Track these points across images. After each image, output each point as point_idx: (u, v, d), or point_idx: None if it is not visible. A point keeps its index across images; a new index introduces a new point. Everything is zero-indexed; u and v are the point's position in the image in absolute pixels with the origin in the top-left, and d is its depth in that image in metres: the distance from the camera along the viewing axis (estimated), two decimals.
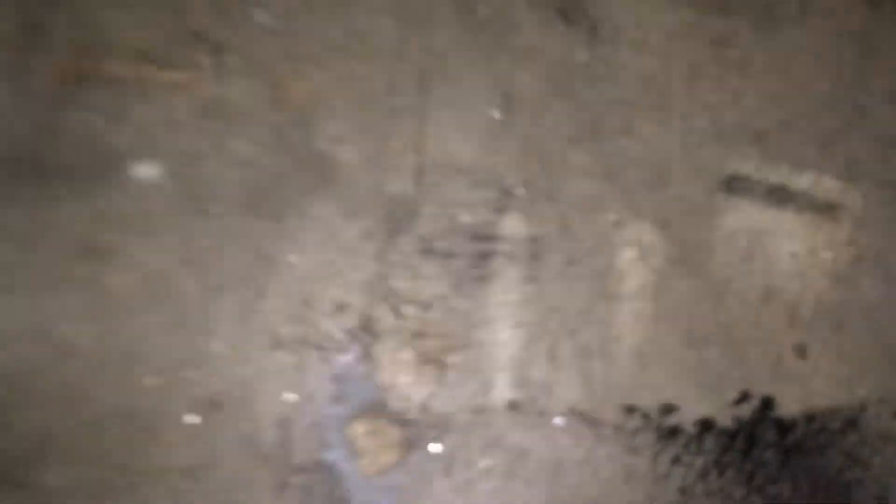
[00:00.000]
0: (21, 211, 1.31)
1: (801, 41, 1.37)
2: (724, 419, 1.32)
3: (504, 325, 1.33)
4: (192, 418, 1.30)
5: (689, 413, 1.31)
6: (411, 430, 1.31)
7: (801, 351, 1.31)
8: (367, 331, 1.32)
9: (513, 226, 1.33)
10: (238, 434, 1.31)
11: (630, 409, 1.32)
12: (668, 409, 1.32)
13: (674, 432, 1.32)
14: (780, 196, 1.33)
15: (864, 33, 1.35)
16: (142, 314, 1.32)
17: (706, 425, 1.32)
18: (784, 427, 1.33)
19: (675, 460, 1.31)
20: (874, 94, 1.33)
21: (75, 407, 1.30)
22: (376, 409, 1.32)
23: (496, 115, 1.33)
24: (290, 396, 1.31)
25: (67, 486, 1.27)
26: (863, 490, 1.31)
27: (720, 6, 1.36)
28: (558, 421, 1.30)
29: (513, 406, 1.31)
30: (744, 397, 1.32)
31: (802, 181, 1.32)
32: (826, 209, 1.32)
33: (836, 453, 1.33)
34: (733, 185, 1.34)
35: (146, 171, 1.31)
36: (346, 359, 1.32)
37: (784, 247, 1.34)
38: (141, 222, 1.33)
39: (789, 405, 1.34)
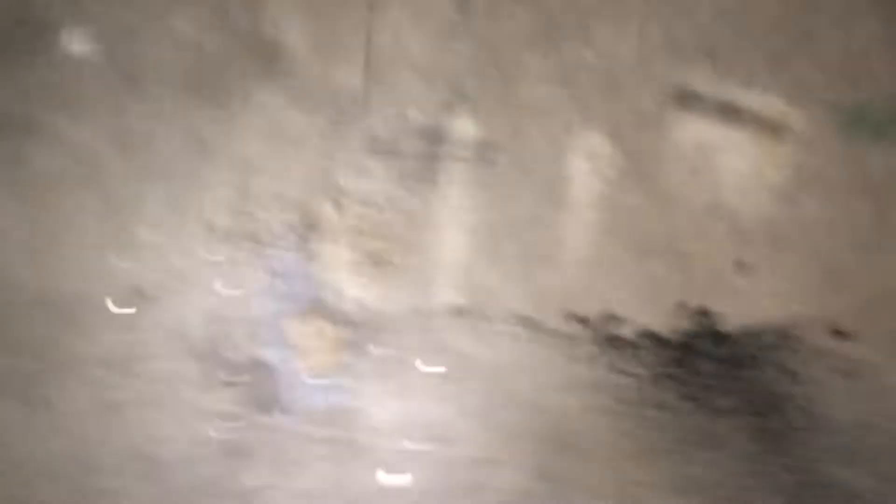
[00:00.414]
0: None
1: None
2: (664, 330, 1.33)
3: (450, 229, 1.30)
4: (118, 308, 1.23)
5: (630, 323, 1.32)
6: (351, 330, 1.27)
7: (742, 266, 1.33)
8: (308, 226, 1.27)
9: (464, 128, 1.30)
10: (167, 327, 1.25)
11: (572, 317, 1.31)
12: (609, 318, 1.32)
13: (614, 341, 1.32)
14: (728, 113, 1.33)
15: None
16: (68, 195, 1.24)
17: (646, 335, 1.32)
18: (722, 339, 1.34)
19: (614, 368, 1.31)
20: (823, 17, 1.34)
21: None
22: (315, 307, 1.27)
23: (451, 12, 1.29)
24: (224, 290, 1.25)
25: None
26: (793, 402, 1.34)
27: None
28: (500, 326, 1.28)
29: (455, 310, 1.29)
30: (684, 309, 1.33)
31: (750, 99, 1.33)
32: (771, 128, 1.33)
33: (771, 367, 1.35)
34: (684, 100, 1.34)
35: (78, 44, 1.23)
36: (284, 254, 1.27)
37: (731, 163, 1.35)
38: (71, 98, 1.25)
39: (728, 318, 1.35)
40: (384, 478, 1.26)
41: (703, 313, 1.34)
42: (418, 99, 1.31)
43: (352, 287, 1.28)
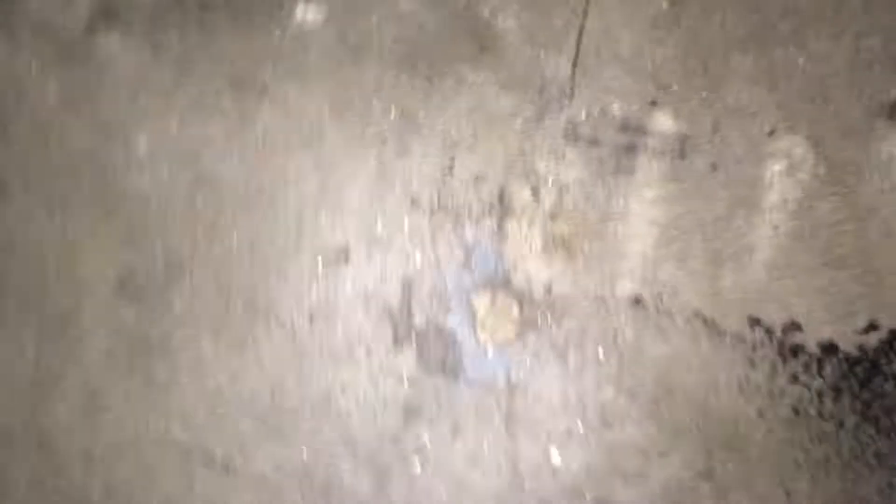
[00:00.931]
0: (182, 37, 1.32)
1: None
2: (849, 345, 1.31)
3: (640, 220, 1.32)
4: (324, 265, 1.32)
5: (814, 334, 1.30)
6: (532, 309, 1.32)
7: None
8: (503, 205, 1.32)
9: (663, 121, 1.31)
10: (366, 288, 1.32)
11: (755, 322, 1.31)
12: (793, 327, 1.31)
13: (795, 351, 1.31)
14: None
15: None
16: (290, 156, 1.34)
17: (829, 348, 1.30)
18: None
19: (793, 379, 1.30)
20: None
21: (215, 237, 1.32)
22: (501, 283, 1.32)
23: (664, 5, 1.30)
24: (420, 257, 1.32)
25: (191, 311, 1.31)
26: None
27: None
28: (680, 323, 1.30)
29: (636, 301, 1.31)
30: (872, 326, 1.30)
31: None
32: None
33: None
34: (894, 114, 1.30)
35: (311, 15, 1.31)
36: (478, 230, 1.32)
37: None
38: (297, 64, 1.34)
39: None
40: (553, 454, 1.30)
41: (892, 332, 1.31)
42: (623, 92, 1.33)
43: (540, 269, 1.32)
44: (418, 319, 1.33)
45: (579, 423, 1.31)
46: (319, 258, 1.31)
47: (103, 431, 1.28)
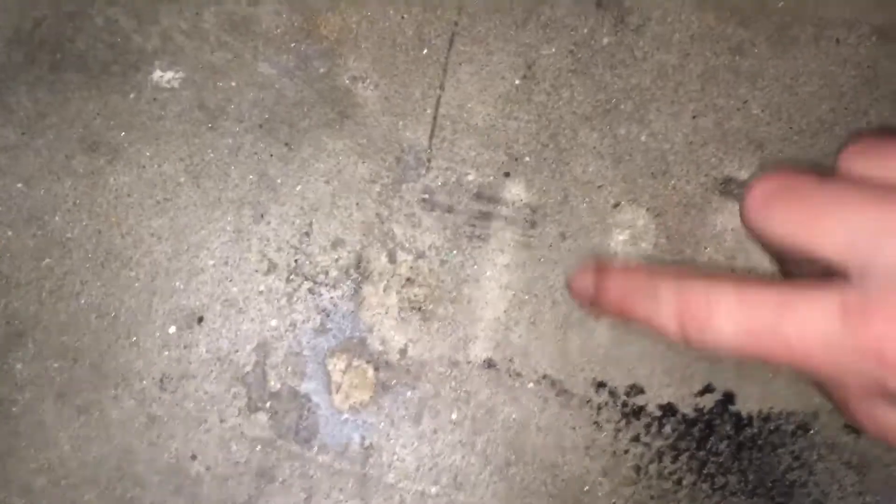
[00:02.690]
0: (32, 95, 1.30)
1: (811, 64, 1.44)
2: (686, 407, 1.39)
3: (493, 285, 1.37)
4: (176, 329, 1.31)
5: (655, 396, 1.37)
6: (387, 372, 1.34)
7: None
8: (359, 270, 1.35)
9: (516, 192, 1.37)
10: (219, 351, 1.32)
11: (600, 385, 1.38)
12: (635, 390, 1.38)
13: (637, 413, 1.38)
14: None
15: (870, 65, 1.43)
16: (142, 218, 1.33)
17: (669, 410, 1.38)
18: (741, 423, 1.40)
19: (635, 439, 1.37)
20: (871, 123, 1.42)
21: (61, 300, 1.30)
22: (357, 347, 1.35)
23: (516, 81, 1.37)
24: (275, 321, 1.33)
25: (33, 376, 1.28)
26: (804, 491, 1.39)
27: (741, 18, 1.42)
28: (530, 386, 1.35)
29: (489, 364, 1.36)
30: (707, 389, 1.39)
31: None
32: None
33: (786, 454, 1.40)
34: (728, 188, 1.41)
35: (167, 76, 1.32)
36: (335, 294, 1.34)
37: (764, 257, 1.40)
38: (152, 127, 1.34)
39: (749, 403, 1.41)
40: None
41: (726, 395, 1.40)
42: (478, 162, 1.38)
43: (396, 333, 1.35)
44: (273, 383, 1.34)
45: (432, 486, 1.34)
46: (172, 322, 1.31)
47: None
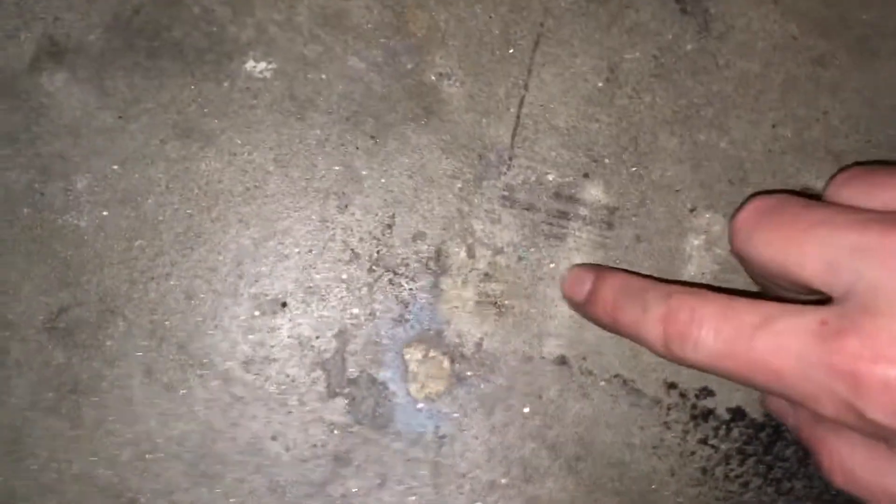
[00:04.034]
0: (129, 80, 1.34)
1: (892, 77, 1.45)
2: (755, 412, 1.41)
3: None
4: (256, 313, 1.34)
5: (724, 399, 1.39)
6: (462, 365, 1.37)
7: None
8: (439, 263, 1.38)
9: (594, 192, 1.40)
10: (300, 337, 1.36)
11: (671, 386, 1.40)
12: (705, 392, 1.40)
13: (706, 415, 1.40)
14: None
15: None
16: (226, 202, 1.36)
17: (738, 414, 1.40)
18: None
19: (703, 441, 1.39)
20: None
21: (152, 280, 1.34)
22: (434, 339, 1.38)
23: (599, 84, 1.39)
24: (356, 310, 1.36)
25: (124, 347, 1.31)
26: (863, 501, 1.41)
27: (823, 30, 1.43)
28: (601, 384, 1.37)
29: (561, 361, 1.38)
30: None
31: None
32: None
33: None
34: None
35: (260, 67, 1.35)
36: (414, 286, 1.37)
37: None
38: (244, 116, 1.37)
39: None
40: None
41: None
42: (558, 162, 1.41)
43: (472, 326, 1.38)
44: (351, 370, 1.37)
45: (500, 476, 1.37)
46: (256, 306, 1.34)
47: (27, 471, 1.28)
